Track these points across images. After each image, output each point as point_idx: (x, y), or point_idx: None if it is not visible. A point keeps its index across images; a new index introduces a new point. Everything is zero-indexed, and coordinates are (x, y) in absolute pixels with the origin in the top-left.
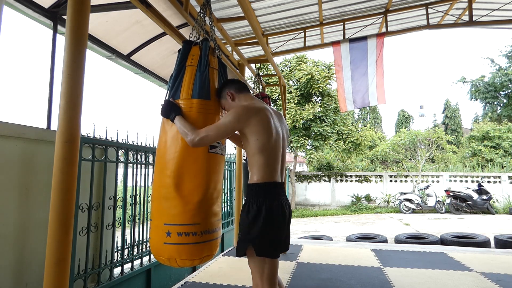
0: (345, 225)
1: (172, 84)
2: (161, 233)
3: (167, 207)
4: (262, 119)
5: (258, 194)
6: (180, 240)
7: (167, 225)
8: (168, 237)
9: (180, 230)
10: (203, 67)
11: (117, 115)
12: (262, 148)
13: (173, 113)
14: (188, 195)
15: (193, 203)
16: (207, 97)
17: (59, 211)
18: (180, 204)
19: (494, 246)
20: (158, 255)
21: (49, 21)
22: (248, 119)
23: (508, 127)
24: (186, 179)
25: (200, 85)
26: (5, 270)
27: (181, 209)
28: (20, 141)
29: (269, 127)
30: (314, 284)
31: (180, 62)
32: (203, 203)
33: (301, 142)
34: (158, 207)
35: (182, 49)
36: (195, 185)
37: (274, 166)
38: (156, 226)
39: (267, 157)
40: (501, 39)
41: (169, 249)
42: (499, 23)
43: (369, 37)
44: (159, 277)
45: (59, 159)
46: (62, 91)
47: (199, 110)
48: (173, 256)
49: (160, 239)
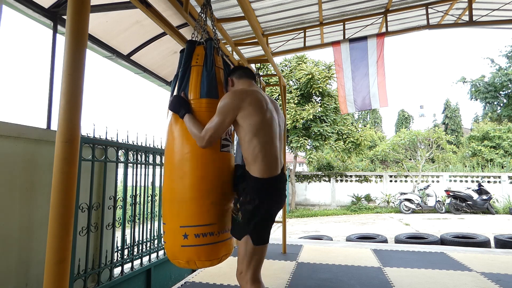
0: (345, 225)
1: (180, 84)
2: (177, 236)
3: (182, 209)
4: (253, 102)
5: (260, 191)
6: (198, 241)
7: (184, 227)
8: (186, 239)
9: (197, 232)
10: (210, 67)
11: (117, 115)
12: (255, 133)
13: (183, 109)
14: (203, 196)
15: (208, 204)
16: (216, 96)
17: (59, 211)
18: (195, 205)
19: (494, 246)
20: (175, 258)
21: (49, 21)
22: (240, 103)
23: (508, 127)
24: (200, 179)
25: (208, 84)
26: (6, 270)
27: (197, 210)
28: (20, 141)
29: (262, 110)
30: (314, 284)
31: (185, 62)
32: (218, 202)
33: (301, 142)
34: (172, 209)
35: (186, 49)
36: (210, 185)
37: (271, 152)
38: (171, 230)
39: (263, 142)
40: (501, 39)
41: (187, 252)
42: (499, 23)
43: (369, 37)
44: (159, 277)
45: (59, 159)
46: (62, 91)
47: (208, 109)
48: (192, 258)
49: (176, 242)
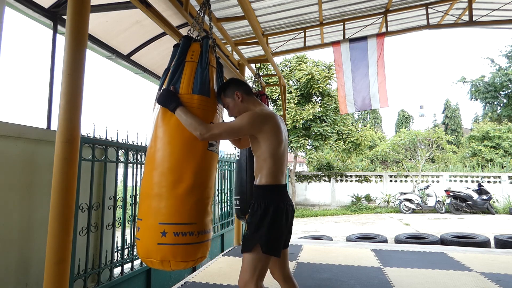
0: (345, 225)
1: (171, 78)
2: (154, 233)
3: (163, 205)
4: (274, 126)
5: (265, 195)
6: (176, 240)
7: (163, 224)
8: (164, 237)
9: (177, 230)
10: (205, 64)
11: (117, 115)
12: (273, 153)
13: (174, 103)
14: (186, 194)
15: (191, 202)
16: (208, 94)
17: (59, 211)
18: (177, 202)
19: (494, 246)
20: (148, 257)
21: (49, 21)
22: (262, 126)
23: (508, 127)
24: (185, 176)
25: (201, 81)
26: (5, 270)
27: (178, 207)
28: (20, 141)
29: (280, 134)
30: (314, 284)
31: (179, 56)
32: (200, 202)
33: (301, 142)
34: (151, 205)
35: (182, 44)
36: (194, 183)
37: (282, 170)
38: (148, 226)
39: (276, 162)
40: (501, 39)
41: (163, 250)
42: (499, 23)
43: (369, 37)
44: (159, 277)
45: (59, 159)
46: (62, 91)
47: (199, 106)
48: (167, 257)
49: (153, 239)
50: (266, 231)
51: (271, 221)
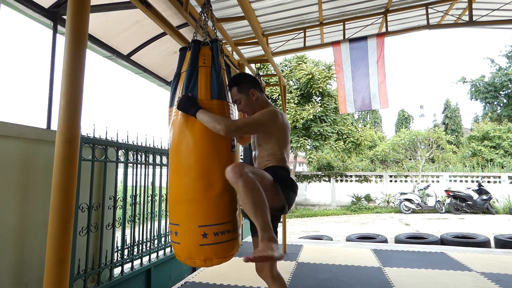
0: (345, 225)
1: (187, 85)
2: (195, 236)
3: (199, 209)
4: (285, 124)
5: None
6: (217, 239)
7: (202, 227)
8: (205, 238)
9: (216, 230)
10: (218, 68)
11: (117, 115)
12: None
13: (194, 108)
14: (219, 195)
15: (224, 202)
16: (225, 98)
17: (59, 211)
18: (212, 204)
19: (494, 246)
20: (191, 258)
21: (49, 21)
22: (278, 123)
23: (508, 127)
24: (215, 179)
25: (218, 86)
26: (5, 270)
27: (215, 209)
28: (20, 141)
29: (288, 131)
30: (314, 284)
31: (192, 62)
32: (231, 201)
33: (301, 142)
34: (187, 210)
35: (192, 49)
36: (224, 184)
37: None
38: (188, 230)
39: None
40: (501, 39)
41: (206, 250)
42: (499, 23)
43: (369, 37)
44: (159, 277)
45: (59, 159)
46: (62, 91)
47: (219, 110)
48: (210, 256)
49: (195, 242)
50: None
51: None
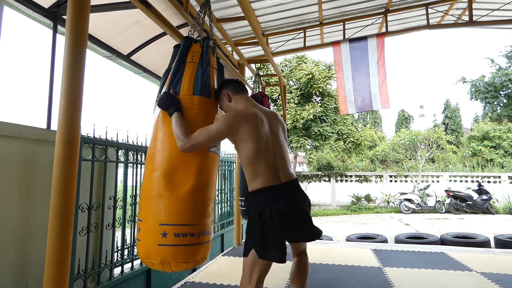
0: (345, 225)
1: (172, 79)
2: (155, 234)
3: (163, 206)
4: (250, 127)
5: (256, 201)
6: (177, 241)
7: (163, 225)
8: (164, 238)
9: (177, 231)
10: (205, 65)
11: (117, 115)
12: (255, 155)
13: (173, 107)
14: (186, 194)
15: (191, 203)
16: (208, 95)
17: (59, 211)
18: (178, 203)
19: (494, 246)
20: (149, 258)
21: (49, 21)
22: (237, 127)
23: (508, 127)
24: (185, 177)
25: (202, 82)
26: (5, 270)
27: (179, 208)
28: (20, 141)
29: (258, 134)
30: (314, 284)
31: (180, 57)
32: (200, 203)
33: (301, 142)
34: (151, 206)
35: (182, 45)
36: (194, 184)
37: (271, 169)
38: (149, 227)
39: (261, 163)
40: (501, 39)
41: (164, 251)
42: (499, 23)
43: (369, 37)
44: (159, 277)
45: (59, 159)
46: (62, 91)
47: (200, 107)
48: (168, 259)
49: (153, 240)
50: (260, 237)
51: (263, 226)
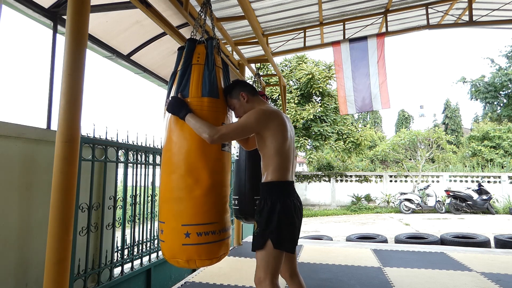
0: (345, 225)
1: (179, 82)
2: (178, 234)
3: (184, 208)
4: (279, 123)
5: (272, 192)
6: (199, 240)
7: (186, 226)
8: (187, 238)
9: (199, 230)
10: (211, 66)
11: (117, 115)
12: (278, 150)
13: (184, 110)
14: (205, 194)
15: (210, 203)
16: (217, 96)
17: (59, 211)
18: (197, 204)
19: (494, 246)
20: (174, 257)
21: (49, 21)
22: (267, 123)
23: (508, 127)
24: (202, 178)
25: (210, 83)
26: (5, 270)
27: (199, 209)
28: (20, 141)
29: (285, 131)
30: (314, 284)
31: (186, 60)
32: (218, 201)
33: (301, 142)
34: (172, 208)
35: (187, 47)
36: (211, 184)
37: (288, 167)
38: (172, 229)
39: (282, 159)
40: (501, 39)
41: (188, 250)
42: (499, 23)
43: (369, 37)
44: (159, 277)
45: (59, 159)
46: (62, 91)
47: (209, 108)
48: (193, 257)
49: (177, 241)
50: (276, 226)
51: (280, 216)
